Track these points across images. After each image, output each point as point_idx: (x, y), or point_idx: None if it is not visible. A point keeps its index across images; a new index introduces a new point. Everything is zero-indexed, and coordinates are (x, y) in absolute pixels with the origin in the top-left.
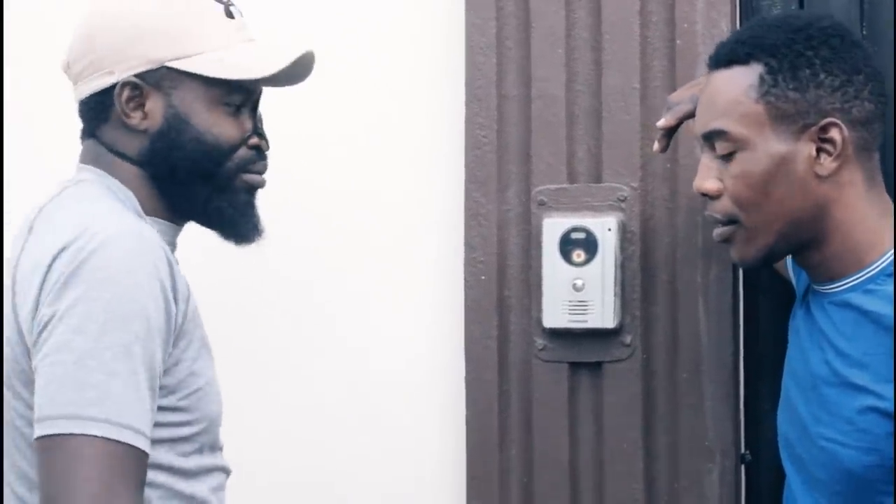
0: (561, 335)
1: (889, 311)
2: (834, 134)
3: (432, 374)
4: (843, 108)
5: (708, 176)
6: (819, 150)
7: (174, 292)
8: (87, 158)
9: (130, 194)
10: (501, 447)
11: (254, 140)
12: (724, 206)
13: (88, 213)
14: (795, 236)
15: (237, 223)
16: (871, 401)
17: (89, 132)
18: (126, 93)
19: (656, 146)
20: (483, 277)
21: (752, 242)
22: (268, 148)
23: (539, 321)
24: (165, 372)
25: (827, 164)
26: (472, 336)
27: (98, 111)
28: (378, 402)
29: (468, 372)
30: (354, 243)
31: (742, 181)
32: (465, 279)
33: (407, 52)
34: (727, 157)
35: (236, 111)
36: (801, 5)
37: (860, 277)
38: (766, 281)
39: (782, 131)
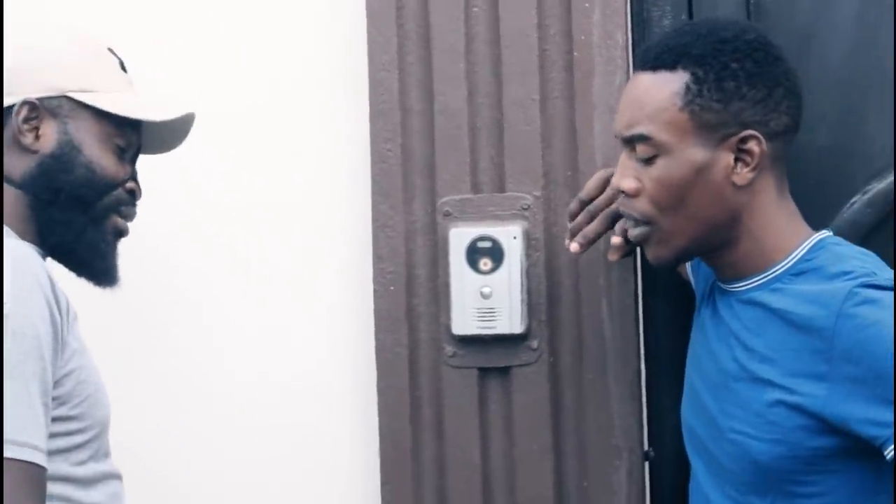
0: (470, 341)
1: (796, 308)
2: (752, 146)
3: (344, 383)
4: (763, 121)
5: (627, 174)
6: (737, 160)
7: (58, 305)
8: None
9: None
10: (414, 452)
11: (130, 184)
12: (641, 206)
13: None
14: (708, 240)
15: (106, 259)
16: (778, 394)
17: None
18: (24, 112)
19: (576, 248)
20: (392, 287)
21: (666, 244)
22: (140, 196)
23: (448, 328)
24: (57, 383)
25: (744, 174)
26: (382, 345)
27: None
28: (290, 412)
29: (379, 380)
30: (264, 256)
31: (661, 185)
32: (375, 289)
33: (311, 70)
34: (648, 160)
35: (121, 154)
36: (690, 15)
37: (766, 277)
38: (664, 283)
39: (703, 140)
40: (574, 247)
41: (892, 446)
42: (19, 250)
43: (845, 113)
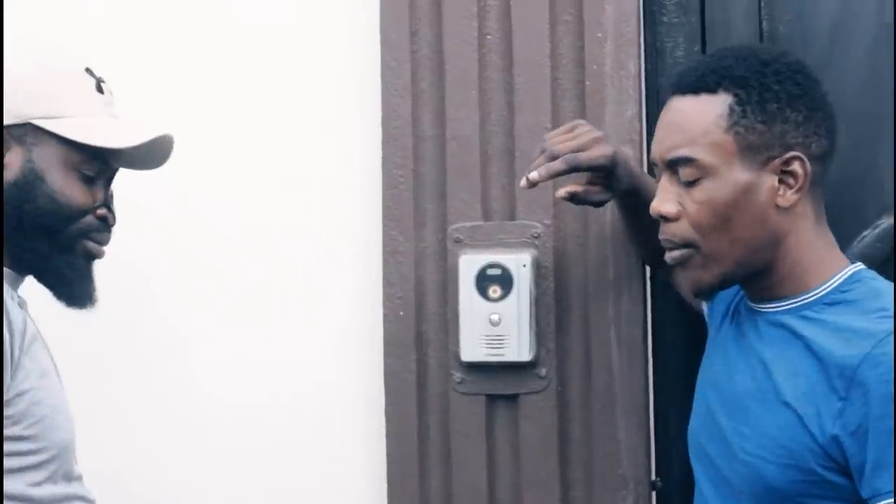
0: (478, 368)
1: (821, 339)
2: (796, 167)
3: (353, 407)
4: (805, 143)
5: (667, 199)
6: (780, 182)
7: (9, 326)
8: None
9: None
10: (421, 478)
11: (101, 211)
12: (682, 229)
13: None
14: (750, 264)
15: (72, 285)
16: (793, 418)
17: None
18: None
19: (524, 183)
20: (401, 313)
21: (708, 268)
22: (114, 222)
23: (457, 355)
24: (8, 403)
25: (788, 196)
26: (391, 370)
27: None
28: (300, 436)
29: (388, 405)
30: (275, 280)
31: (706, 208)
32: (384, 314)
33: (325, 95)
34: (691, 183)
35: (90, 181)
36: (703, 46)
37: (798, 302)
38: (673, 313)
39: (748, 162)
40: (523, 182)
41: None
42: None
43: (858, 145)
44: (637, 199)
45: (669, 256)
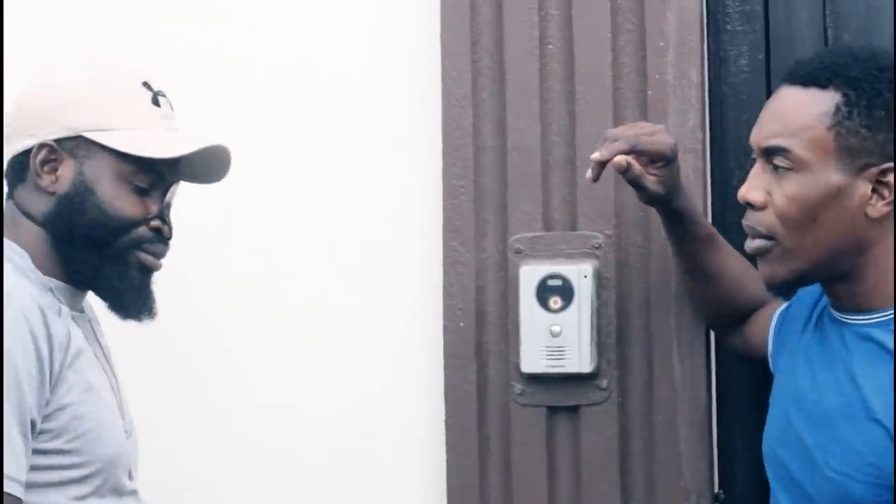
0: (539, 380)
1: None
2: (892, 179)
3: (413, 418)
4: None
5: (756, 186)
6: (874, 192)
7: (48, 340)
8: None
9: (25, 254)
10: (482, 490)
11: (155, 223)
12: (767, 219)
13: None
14: (829, 267)
15: (123, 297)
16: (881, 434)
17: (9, 193)
18: (42, 154)
19: (589, 174)
20: (462, 324)
21: (785, 263)
22: (170, 235)
23: (517, 366)
24: (48, 417)
25: (879, 206)
26: (451, 381)
27: (17, 171)
28: (359, 447)
29: (448, 416)
30: (335, 291)
31: (794, 201)
32: (445, 325)
33: (386, 105)
34: (782, 174)
35: (143, 192)
36: (767, 54)
37: (887, 316)
38: None
39: (843, 164)
40: (588, 173)
41: None
42: (8, 284)
43: None
44: (682, 226)
45: (749, 246)
